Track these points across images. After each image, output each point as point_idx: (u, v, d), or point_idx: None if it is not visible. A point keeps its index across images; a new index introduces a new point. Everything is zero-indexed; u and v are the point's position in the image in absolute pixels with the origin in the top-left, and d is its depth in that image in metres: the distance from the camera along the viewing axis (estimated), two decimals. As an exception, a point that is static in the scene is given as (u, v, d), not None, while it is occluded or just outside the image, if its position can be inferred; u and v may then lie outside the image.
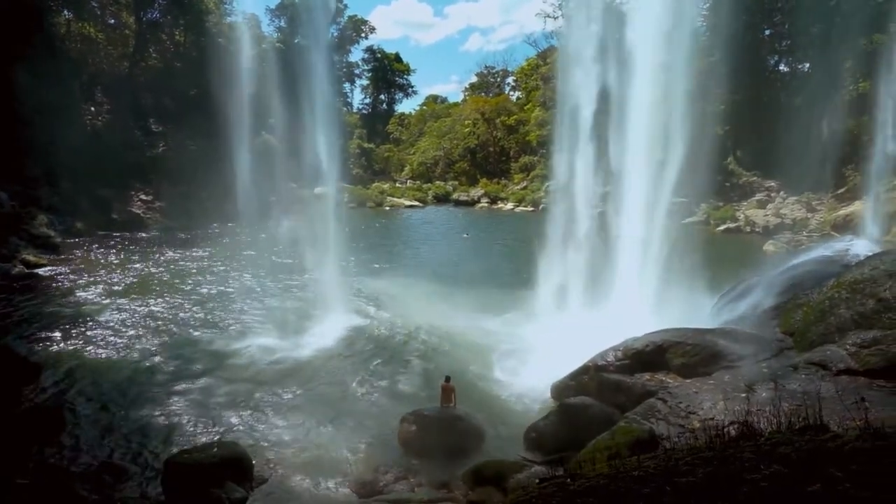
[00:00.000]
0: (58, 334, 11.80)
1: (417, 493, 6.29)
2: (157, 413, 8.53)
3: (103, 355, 10.87)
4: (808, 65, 38.02)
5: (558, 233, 14.63)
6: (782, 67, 40.75)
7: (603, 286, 13.00)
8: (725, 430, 3.35)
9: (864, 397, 4.06)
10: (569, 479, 2.71)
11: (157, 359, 10.86)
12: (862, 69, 31.94)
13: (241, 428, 8.14)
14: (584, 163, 14.54)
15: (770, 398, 5.39)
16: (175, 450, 7.00)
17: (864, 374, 6.22)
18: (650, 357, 8.27)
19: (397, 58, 77.11)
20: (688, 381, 7.43)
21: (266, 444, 7.66)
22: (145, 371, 10.24)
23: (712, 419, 5.31)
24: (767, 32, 39.68)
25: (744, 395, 6.22)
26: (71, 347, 11.16)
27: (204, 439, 7.61)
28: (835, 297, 7.45)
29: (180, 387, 9.56)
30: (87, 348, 11.17)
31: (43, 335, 11.70)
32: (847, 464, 2.15)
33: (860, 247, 11.56)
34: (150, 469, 6.92)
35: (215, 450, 6.58)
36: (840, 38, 29.75)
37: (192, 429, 8.09)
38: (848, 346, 6.64)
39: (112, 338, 11.86)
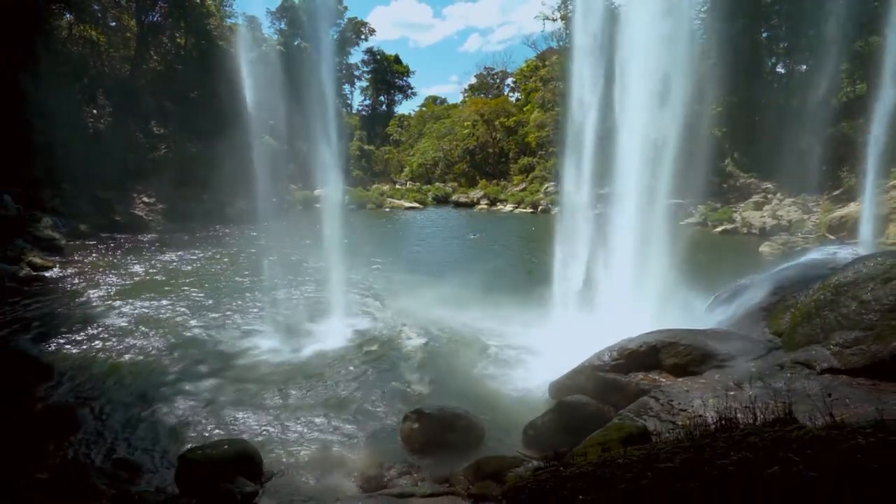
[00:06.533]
0: (68, 335, 12.09)
1: (420, 487, 6.56)
2: (167, 411, 8.81)
3: (113, 355, 11.15)
4: (805, 67, 38.36)
5: (557, 234, 14.89)
6: (780, 69, 41.12)
7: (601, 287, 13.27)
8: (707, 424, 3.66)
9: (832, 393, 4.35)
10: (561, 467, 3.00)
11: (165, 359, 11.15)
12: (859, 71, 32.34)
13: (249, 425, 8.42)
14: (584, 164, 14.74)
15: (755, 395, 5.68)
16: (187, 446, 7.27)
17: (846, 373, 6.52)
18: (644, 357, 8.55)
19: (397, 59, 77.51)
20: (680, 380, 7.72)
21: (274, 441, 7.94)
22: (154, 371, 10.52)
23: (700, 416, 5.59)
24: (765, 35, 40.01)
25: (732, 392, 6.52)
26: (81, 348, 11.46)
27: (214, 436, 7.88)
28: (820, 300, 7.74)
29: (189, 386, 9.84)
30: (97, 349, 11.45)
31: (54, 336, 11.98)
32: (804, 450, 2.45)
33: (847, 250, 11.91)
34: (164, 464, 7.20)
35: (226, 446, 6.84)
36: (837, 40, 30.10)
37: (202, 426, 8.37)
38: (831, 347, 6.95)
39: (121, 338, 12.14)
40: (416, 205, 49.97)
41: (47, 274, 17.61)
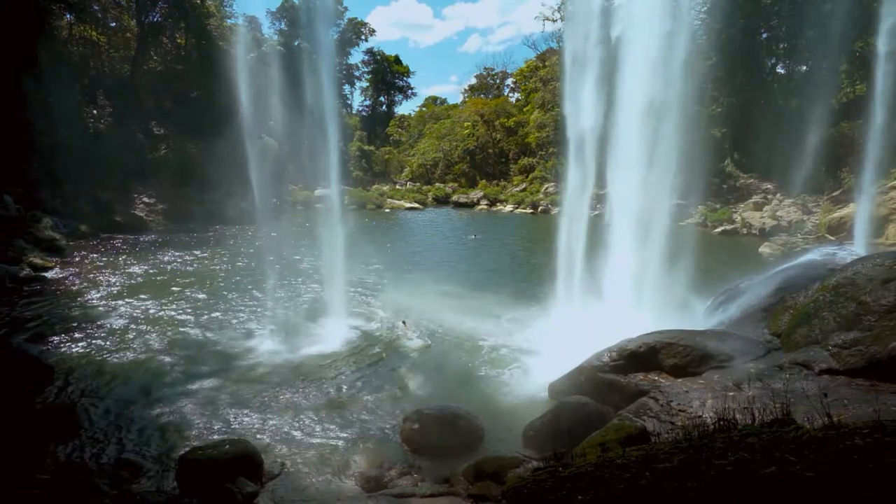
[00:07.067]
0: (68, 336, 12.12)
1: (421, 487, 6.58)
2: (167, 411, 8.83)
3: (113, 356, 11.17)
4: (804, 67, 38.38)
5: (557, 235, 14.89)
6: (780, 70, 41.13)
7: (601, 288, 13.31)
8: (705, 424, 3.68)
9: (830, 394, 4.38)
10: (560, 468, 3.02)
11: (165, 359, 11.17)
12: (858, 72, 32.37)
13: (249, 426, 8.44)
14: (585, 164, 14.71)
15: (754, 396, 5.70)
16: (187, 446, 7.29)
17: (845, 374, 6.55)
18: (643, 358, 8.58)
19: (397, 60, 77.56)
20: (679, 380, 7.73)
21: (274, 442, 7.96)
22: (154, 371, 10.55)
23: (700, 416, 5.62)
24: (765, 35, 40.01)
25: (731, 393, 6.54)
26: (81, 349, 11.48)
27: (215, 436, 7.90)
28: (819, 300, 7.77)
29: (189, 386, 9.87)
30: (98, 349, 11.48)
31: (54, 337, 12.01)
32: (801, 451, 2.47)
33: (846, 251, 11.97)
34: (164, 465, 7.22)
35: (227, 447, 6.86)
36: (836, 40, 30.14)
37: (202, 426, 8.39)
38: (830, 347, 6.97)
39: (121, 339, 12.17)
40: (416, 205, 49.98)
41: (48, 274, 17.63)
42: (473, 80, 78.89)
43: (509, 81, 73.68)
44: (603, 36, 13.34)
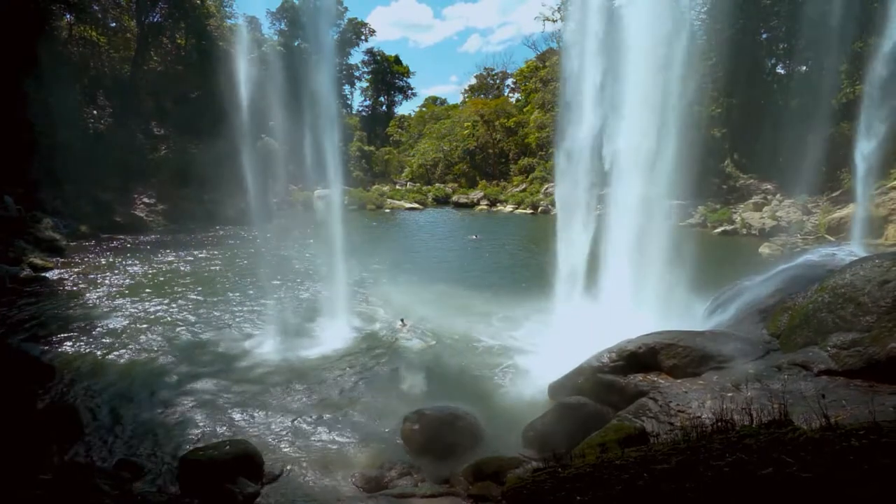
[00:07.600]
0: (69, 336, 12.14)
1: (421, 487, 6.61)
2: (168, 412, 8.86)
3: (114, 356, 11.20)
4: (804, 67, 38.39)
5: (558, 235, 14.91)
6: (780, 70, 41.14)
7: (600, 289, 13.32)
8: (704, 425, 3.70)
9: (828, 395, 4.40)
10: (559, 468, 3.05)
11: (166, 360, 11.19)
12: (858, 72, 32.36)
13: (250, 427, 8.47)
14: (584, 164, 14.73)
15: (752, 397, 5.72)
16: (188, 447, 7.32)
17: (843, 375, 6.57)
18: (643, 358, 8.60)
19: (397, 60, 77.53)
20: (678, 381, 7.75)
21: (275, 443, 7.98)
22: (155, 372, 10.57)
23: (698, 417, 5.64)
24: (765, 35, 40.02)
25: (730, 394, 6.56)
26: (82, 349, 11.50)
27: (215, 437, 7.93)
28: (818, 301, 7.79)
29: (190, 387, 9.89)
30: (99, 350, 11.50)
31: (54, 337, 12.04)
32: (798, 452, 2.49)
33: (845, 252, 12.03)
34: (166, 465, 7.25)
35: (227, 447, 6.89)
36: (836, 40, 30.12)
37: (203, 427, 8.41)
38: (829, 348, 7.00)
39: (122, 339, 12.19)
40: (416, 205, 49.97)
41: (48, 275, 17.65)
42: (473, 81, 78.98)
43: (509, 82, 73.77)
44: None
